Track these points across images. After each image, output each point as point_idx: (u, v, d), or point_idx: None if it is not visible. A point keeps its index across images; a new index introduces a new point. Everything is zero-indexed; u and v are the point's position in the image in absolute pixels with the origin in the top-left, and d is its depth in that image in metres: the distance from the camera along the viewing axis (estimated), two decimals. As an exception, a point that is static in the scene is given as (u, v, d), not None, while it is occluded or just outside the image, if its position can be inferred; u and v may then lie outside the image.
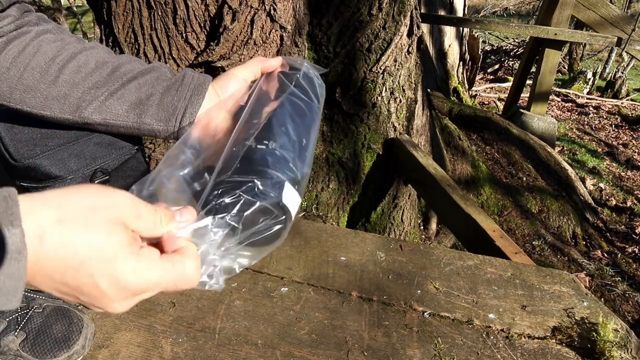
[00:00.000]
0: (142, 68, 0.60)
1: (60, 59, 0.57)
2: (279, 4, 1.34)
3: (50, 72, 0.56)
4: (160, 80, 0.59)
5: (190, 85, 0.59)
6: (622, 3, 8.64)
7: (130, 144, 0.71)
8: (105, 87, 0.57)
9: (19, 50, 0.55)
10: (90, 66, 0.58)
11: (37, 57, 0.56)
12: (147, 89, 0.58)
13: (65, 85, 0.56)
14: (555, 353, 0.74)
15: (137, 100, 0.58)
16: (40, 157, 0.62)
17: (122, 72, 0.58)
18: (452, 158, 2.85)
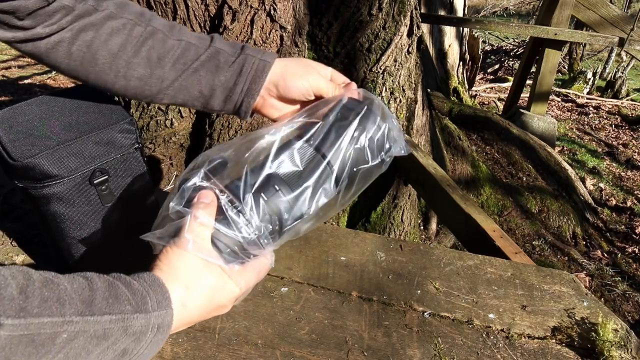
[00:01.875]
0: (203, 57, 0.61)
1: (125, 54, 0.60)
2: (279, 4, 1.34)
3: (119, 68, 0.60)
4: (220, 69, 0.62)
5: (248, 76, 0.62)
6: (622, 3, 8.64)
7: (129, 143, 0.71)
8: (170, 80, 0.62)
9: (86, 45, 0.59)
10: (154, 59, 0.61)
11: (104, 52, 0.59)
12: (208, 80, 0.62)
13: (133, 79, 0.61)
14: (555, 353, 0.74)
15: (199, 92, 0.63)
16: (39, 157, 0.62)
17: (183, 63, 0.61)
18: (452, 158, 2.85)
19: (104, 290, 0.41)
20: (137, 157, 0.73)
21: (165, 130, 1.49)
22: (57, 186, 0.65)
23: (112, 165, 0.70)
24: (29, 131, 0.65)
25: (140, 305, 0.42)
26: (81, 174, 0.67)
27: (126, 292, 0.42)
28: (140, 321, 0.41)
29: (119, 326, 0.40)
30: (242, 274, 0.51)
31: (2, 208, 1.03)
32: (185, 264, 0.47)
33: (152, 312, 0.43)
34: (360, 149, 0.56)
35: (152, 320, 0.42)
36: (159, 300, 0.44)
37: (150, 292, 0.43)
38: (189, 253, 0.47)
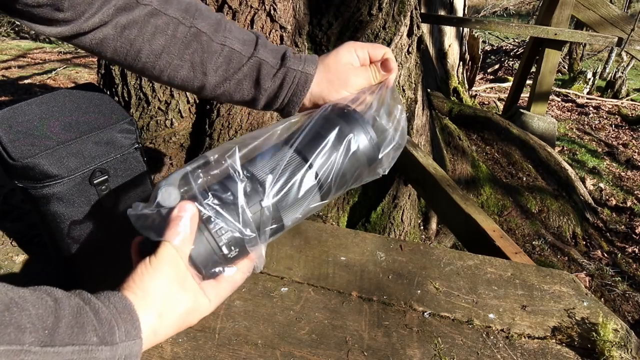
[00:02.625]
0: (245, 69, 0.62)
1: (168, 56, 0.60)
2: (279, 4, 1.34)
3: (162, 67, 0.61)
4: (264, 81, 0.62)
5: (290, 90, 0.63)
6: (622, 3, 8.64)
7: (129, 143, 0.71)
8: (213, 86, 0.63)
9: (130, 43, 0.59)
10: (197, 63, 0.61)
11: (147, 52, 0.60)
12: (251, 92, 0.63)
13: (177, 79, 0.62)
14: (555, 353, 0.74)
15: (242, 101, 0.65)
16: (39, 157, 0.62)
17: (224, 70, 0.62)
18: (452, 158, 2.85)
19: (70, 318, 0.39)
20: (137, 157, 0.73)
21: (165, 130, 1.49)
22: (57, 186, 0.65)
23: (112, 165, 0.70)
24: (29, 131, 0.65)
25: (107, 337, 0.40)
26: (81, 174, 0.67)
27: (93, 320, 0.40)
28: (105, 354, 0.40)
29: (82, 357, 0.38)
30: (217, 290, 0.50)
31: (2, 208, 1.03)
32: (160, 288, 0.45)
33: (119, 343, 0.41)
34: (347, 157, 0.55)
35: (119, 352, 0.41)
36: (128, 330, 0.42)
37: (120, 322, 0.42)
38: (164, 275, 0.45)
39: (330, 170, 0.53)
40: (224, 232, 0.48)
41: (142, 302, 0.44)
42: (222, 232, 0.47)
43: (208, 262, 0.48)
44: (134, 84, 1.46)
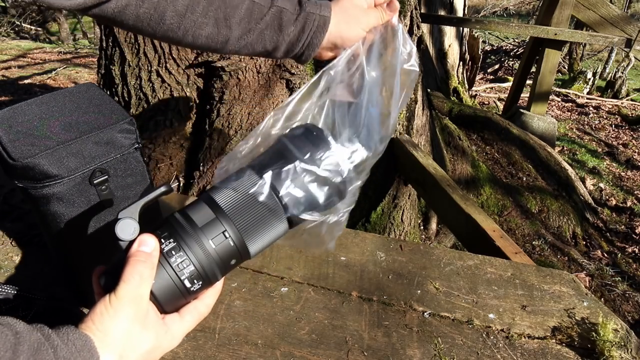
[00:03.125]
0: (267, 17, 0.63)
1: (193, 15, 0.61)
2: (278, 4, 1.34)
3: (186, 28, 0.62)
4: (284, 27, 0.64)
5: (310, 33, 0.64)
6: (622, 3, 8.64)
7: (129, 143, 0.71)
8: (235, 39, 0.63)
9: (153, 7, 0.59)
10: (220, 19, 0.62)
11: (171, 13, 0.60)
12: (273, 40, 0.64)
13: (201, 38, 0.63)
14: (555, 353, 0.74)
15: (264, 50, 0.66)
16: (39, 156, 0.62)
17: (247, 22, 0.63)
18: (452, 158, 2.85)
19: (27, 355, 0.38)
20: (137, 157, 0.73)
21: (165, 130, 1.49)
22: (57, 186, 0.65)
23: (112, 165, 0.70)
24: (29, 131, 0.65)
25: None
26: (81, 174, 0.67)
27: (52, 358, 0.40)
28: None
29: None
30: (181, 324, 0.49)
31: (2, 208, 1.03)
32: (121, 329, 0.45)
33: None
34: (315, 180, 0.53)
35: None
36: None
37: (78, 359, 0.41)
38: (124, 315, 0.45)
39: (297, 196, 0.51)
40: (186, 266, 0.46)
41: (101, 343, 0.44)
42: (184, 265, 0.46)
43: (170, 297, 0.47)
44: (134, 84, 1.46)
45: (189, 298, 0.49)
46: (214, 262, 0.48)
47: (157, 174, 1.62)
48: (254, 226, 0.50)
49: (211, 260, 0.48)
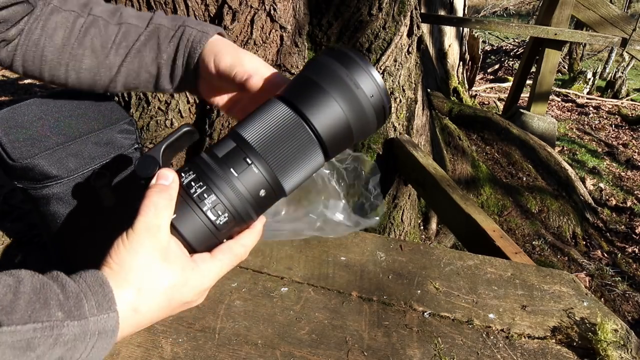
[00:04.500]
0: (142, 38, 0.61)
1: (69, 46, 0.60)
2: (279, 4, 1.34)
3: (66, 61, 0.61)
4: (162, 46, 0.61)
5: (186, 49, 0.60)
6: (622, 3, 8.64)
7: (129, 143, 0.71)
8: (116, 67, 0.61)
9: (35, 45, 0.59)
10: (97, 48, 0.61)
11: (50, 48, 0.60)
12: (152, 59, 0.61)
13: (83, 71, 0.62)
14: (555, 353, 0.74)
15: (148, 75, 0.62)
16: (38, 157, 0.62)
17: (125, 46, 0.61)
18: (452, 158, 2.85)
19: (30, 295, 0.36)
20: (137, 157, 0.73)
21: (165, 130, 1.49)
22: (56, 186, 0.65)
23: (112, 165, 0.70)
24: (29, 132, 0.65)
25: (74, 311, 0.37)
26: (81, 174, 0.67)
27: (59, 295, 0.37)
28: (73, 329, 0.37)
29: (46, 335, 0.35)
30: (212, 264, 0.45)
31: (2, 208, 1.03)
32: (139, 263, 0.42)
33: (89, 317, 0.38)
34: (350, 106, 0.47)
35: (91, 327, 0.38)
36: (99, 302, 0.39)
37: (89, 294, 0.39)
38: (142, 248, 0.42)
39: (330, 124, 0.46)
40: (212, 200, 0.43)
41: (117, 276, 0.41)
42: (208, 199, 0.43)
43: (197, 234, 0.44)
44: (134, 84, 1.46)
45: (219, 236, 0.46)
46: (244, 198, 0.45)
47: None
48: (287, 161, 0.46)
49: (241, 197, 0.45)
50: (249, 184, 0.45)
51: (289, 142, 0.45)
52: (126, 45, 0.60)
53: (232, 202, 0.44)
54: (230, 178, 0.44)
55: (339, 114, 0.46)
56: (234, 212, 0.45)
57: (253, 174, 0.45)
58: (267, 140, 0.45)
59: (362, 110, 0.47)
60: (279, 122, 0.46)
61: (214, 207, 0.44)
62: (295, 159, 0.46)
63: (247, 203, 0.45)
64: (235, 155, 0.45)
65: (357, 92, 0.46)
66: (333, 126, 0.46)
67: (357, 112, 0.47)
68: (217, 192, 0.44)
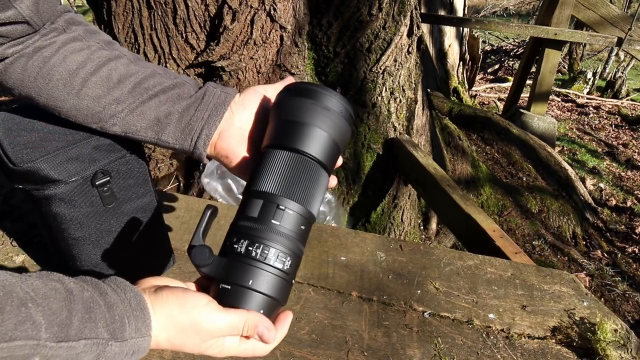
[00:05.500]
0: (166, 84, 0.59)
1: (83, 71, 0.57)
2: (279, 4, 1.34)
3: (74, 85, 0.58)
4: (182, 98, 0.59)
5: (209, 105, 0.59)
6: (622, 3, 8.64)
7: (130, 145, 0.71)
8: (127, 103, 0.58)
9: (44, 61, 0.57)
10: (113, 80, 0.58)
11: (61, 69, 0.57)
12: (167, 107, 0.59)
13: (87, 98, 0.58)
14: (555, 353, 0.74)
15: (155, 118, 0.59)
16: (39, 161, 0.62)
17: (144, 88, 0.59)
18: (452, 158, 2.85)
19: (82, 313, 0.39)
20: (139, 159, 0.73)
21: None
22: (59, 188, 0.65)
23: (113, 167, 0.70)
24: (29, 135, 0.65)
25: (118, 333, 0.41)
26: (82, 177, 0.67)
27: (106, 315, 0.41)
28: (114, 349, 0.41)
29: (92, 350, 0.39)
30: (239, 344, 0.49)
31: (2, 208, 1.04)
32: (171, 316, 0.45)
33: (128, 340, 0.42)
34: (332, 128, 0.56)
35: (128, 348, 0.42)
36: (139, 327, 0.43)
37: (131, 319, 0.43)
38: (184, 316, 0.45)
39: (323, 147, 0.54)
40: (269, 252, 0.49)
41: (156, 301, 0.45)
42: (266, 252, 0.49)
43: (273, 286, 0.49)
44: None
45: (289, 279, 0.51)
46: (293, 239, 0.51)
47: (157, 174, 1.62)
48: (307, 191, 0.52)
49: (291, 239, 0.51)
50: (291, 225, 0.51)
51: (301, 177, 0.53)
52: (146, 88, 0.59)
53: (287, 246, 0.51)
54: (276, 228, 0.50)
55: (325, 137, 0.54)
56: (291, 253, 0.51)
57: (289, 215, 0.51)
58: (285, 184, 0.52)
59: (339, 126, 0.56)
60: (285, 165, 0.53)
61: (277, 257, 0.49)
62: (311, 187, 0.53)
63: (296, 241, 0.52)
64: (269, 208, 0.51)
65: (330, 114, 0.55)
66: (324, 147, 0.55)
67: (336, 128, 0.55)
68: (274, 245, 0.49)
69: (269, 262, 0.49)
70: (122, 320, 0.42)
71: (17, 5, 0.51)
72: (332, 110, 0.55)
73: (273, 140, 0.55)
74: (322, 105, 0.54)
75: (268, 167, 0.53)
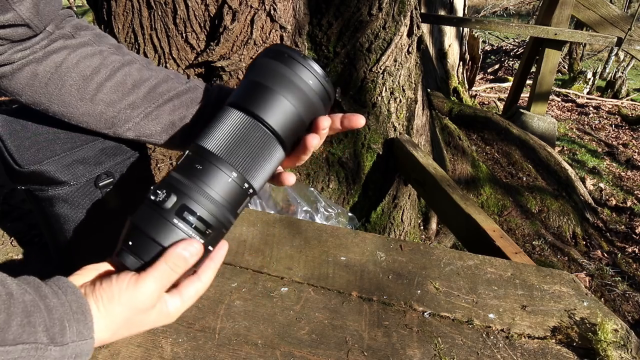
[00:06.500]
0: (180, 89, 0.60)
1: (98, 77, 0.57)
2: (279, 4, 1.34)
3: (88, 91, 0.57)
4: (195, 102, 0.60)
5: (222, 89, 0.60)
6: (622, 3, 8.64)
7: (134, 146, 0.71)
8: (142, 109, 0.58)
9: (56, 66, 0.56)
10: (128, 85, 0.58)
11: (74, 74, 0.56)
12: (182, 111, 0.59)
13: (101, 104, 0.58)
14: (555, 353, 0.74)
15: (170, 122, 0.59)
16: (45, 163, 0.62)
17: (158, 93, 0.59)
18: (452, 158, 2.85)
19: (22, 317, 0.38)
20: (142, 160, 0.73)
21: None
22: (63, 189, 0.65)
23: (117, 169, 0.70)
24: (35, 136, 0.64)
25: (58, 337, 0.40)
26: (87, 179, 0.67)
27: (46, 319, 0.40)
28: (54, 354, 0.40)
29: (30, 355, 0.38)
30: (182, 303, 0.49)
31: (2, 208, 1.04)
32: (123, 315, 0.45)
33: (69, 343, 0.41)
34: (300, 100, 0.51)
35: (69, 352, 0.41)
36: (80, 330, 0.42)
37: (72, 322, 0.41)
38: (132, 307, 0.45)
39: (283, 119, 0.49)
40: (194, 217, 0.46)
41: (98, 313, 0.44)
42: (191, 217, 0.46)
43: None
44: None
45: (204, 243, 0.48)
46: (221, 206, 0.47)
47: (157, 174, 1.62)
48: (250, 161, 0.48)
49: (219, 206, 0.46)
50: (222, 191, 0.47)
51: (249, 143, 0.48)
52: (160, 93, 0.59)
53: (211, 211, 0.46)
54: (204, 189, 0.46)
55: (289, 108, 0.49)
56: (214, 219, 0.47)
57: (232, 186, 0.47)
58: (228, 147, 0.47)
59: (308, 99, 0.50)
60: (236, 127, 0.48)
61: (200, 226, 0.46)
62: (258, 157, 0.49)
63: (223, 208, 0.47)
64: (212, 172, 0.47)
65: (300, 85, 0.49)
66: (286, 120, 0.49)
67: (304, 101, 0.50)
68: (203, 212, 0.46)
69: (190, 229, 0.45)
70: (62, 324, 0.41)
71: (16, 7, 0.50)
72: (303, 81, 0.49)
73: (233, 97, 0.51)
74: (296, 74, 0.49)
75: (218, 124, 0.49)
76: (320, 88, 0.51)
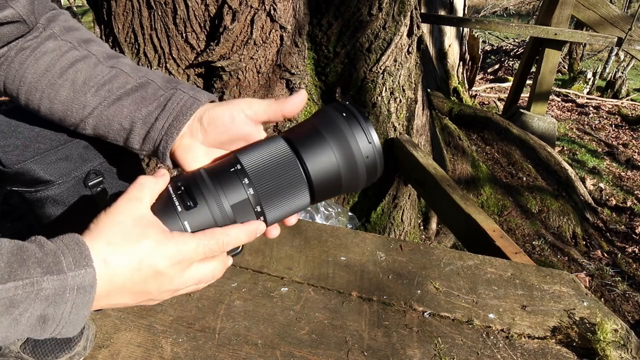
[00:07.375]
0: (129, 86, 0.57)
1: (50, 74, 0.57)
2: (279, 4, 1.34)
3: (43, 88, 0.57)
4: (145, 101, 0.57)
5: (172, 112, 0.55)
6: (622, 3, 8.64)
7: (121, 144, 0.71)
8: (91, 107, 0.57)
9: (20, 63, 0.57)
10: (78, 83, 0.57)
11: (32, 71, 0.57)
12: (130, 111, 0.57)
13: (57, 102, 0.58)
14: (555, 353, 0.74)
15: (120, 125, 0.58)
16: (30, 162, 0.62)
17: (107, 90, 0.57)
18: (452, 158, 2.85)
19: (8, 256, 0.37)
20: (132, 158, 0.73)
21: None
22: (51, 189, 0.65)
23: (106, 167, 0.69)
24: (20, 136, 0.64)
25: (52, 267, 0.38)
26: (74, 177, 0.66)
27: (37, 253, 0.39)
28: (52, 284, 0.38)
29: (27, 291, 0.37)
30: (190, 237, 0.45)
31: (2, 208, 1.03)
32: (113, 222, 0.43)
33: (67, 272, 0.39)
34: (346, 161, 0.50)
35: (69, 282, 0.39)
36: (76, 259, 0.40)
37: (66, 251, 0.40)
38: (120, 213, 0.44)
39: (322, 169, 0.48)
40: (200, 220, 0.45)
41: (92, 233, 0.43)
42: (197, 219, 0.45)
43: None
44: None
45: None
46: (229, 221, 0.46)
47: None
48: (275, 194, 0.47)
49: (226, 219, 0.46)
50: (240, 215, 0.47)
51: (281, 176, 0.47)
52: (109, 89, 0.57)
53: (215, 217, 0.46)
54: (225, 208, 0.46)
55: (333, 162, 0.48)
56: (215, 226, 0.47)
57: (246, 208, 0.47)
58: (260, 169, 0.47)
59: (355, 165, 0.48)
60: (275, 155, 0.48)
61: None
62: (283, 193, 0.48)
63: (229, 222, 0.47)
64: (235, 187, 0.47)
65: (353, 147, 0.48)
66: (324, 171, 0.48)
67: (350, 165, 0.48)
68: (209, 219, 0.45)
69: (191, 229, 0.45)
70: (56, 254, 0.39)
71: (13, 5, 0.51)
72: (357, 146, 0.48)
73: (288, 132, 0.51)
74: (352, 135, 0.48)
75: (262, 146, 0.49)
76: (371, 155, 0.48)
